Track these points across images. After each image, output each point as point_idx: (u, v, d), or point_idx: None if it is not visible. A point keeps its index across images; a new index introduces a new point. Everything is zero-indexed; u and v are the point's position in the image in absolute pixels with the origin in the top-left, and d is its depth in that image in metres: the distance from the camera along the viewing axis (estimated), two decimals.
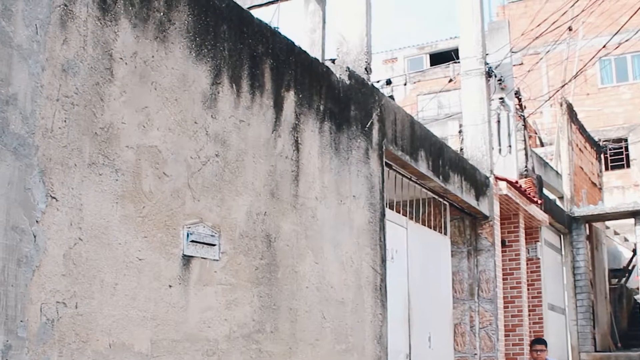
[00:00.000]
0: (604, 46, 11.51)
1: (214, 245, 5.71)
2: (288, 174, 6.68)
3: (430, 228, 11.07)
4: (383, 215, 8.34)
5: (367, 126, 8.17)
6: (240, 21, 6.25)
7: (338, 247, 7.35)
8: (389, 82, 29.60)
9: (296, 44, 7.02)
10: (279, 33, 6.81)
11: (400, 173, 9.64)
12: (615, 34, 11.98)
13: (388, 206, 9.49)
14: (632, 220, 20.22)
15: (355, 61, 8.55)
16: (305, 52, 7.13)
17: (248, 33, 6.33)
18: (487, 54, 13.57)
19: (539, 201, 14.82)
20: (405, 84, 30.46)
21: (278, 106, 6.62)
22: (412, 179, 9.98)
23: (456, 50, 14.96)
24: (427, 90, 31.60)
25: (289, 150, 6.72)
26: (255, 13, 10.21)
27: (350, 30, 8.68)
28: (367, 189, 8.05)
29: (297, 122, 6.87)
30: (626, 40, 29.27)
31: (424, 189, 10.48)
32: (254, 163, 6.23)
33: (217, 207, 5.78)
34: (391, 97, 28.28)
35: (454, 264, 12.20)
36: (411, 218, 10.37)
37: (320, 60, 8.43)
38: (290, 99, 6.80)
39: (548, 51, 24.93)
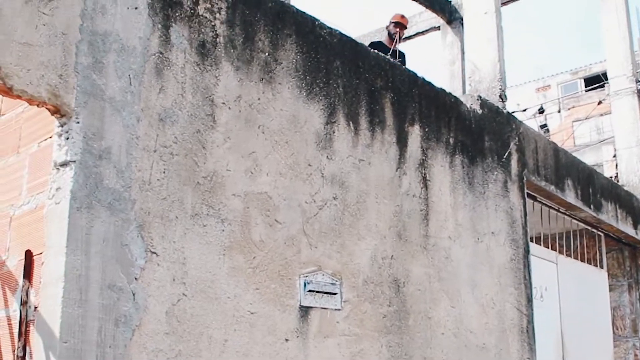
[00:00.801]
0: None
1: (334, 294, 5.37)
2: (416, 213, 6.27)
3: (584, 261, 10.35)
4: (527, 251, 7.79)
5: (505, 157, 7.67)
6: (354, 56, 5.93)
7: (476, 288, 6.86)
8: (541, 111, 28.76)
9: (419, 75, 6.64)
10: (399, 66, 6.45)
11: (546, 205, 9.04)
12: None
13: (534, 241, 8.92)
14: None
15: (489, 89, 8.07)
16: (429, 83, 6.74)
17: (364, 67, 6.00)
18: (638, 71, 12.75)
19: None
20: (559, 111, 29.46)
21: (402, 142, 6.24)
22: (560, 210, 9.36)
23: None
24: (583, 115, 30.40)
25: (416, 188, 6.32)
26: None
27: (482, 58, 8.22)
28: (508, 224, 7.53)
29: (424, 157, 6.47)
30: None
31: (574, 220, 9.81)
32: (377, 204, 5.87)
33: (337, 253, 5.44)
34: (544, 125, 27.45)
35: (614, 299, 11.38)
36: (561, 252, 9.71)
37: (464, 92, 8.04)
38: (415, 134, 6.41)
39: None
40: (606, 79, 14.04)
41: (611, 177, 12.41)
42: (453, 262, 6.62)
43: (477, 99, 7.48)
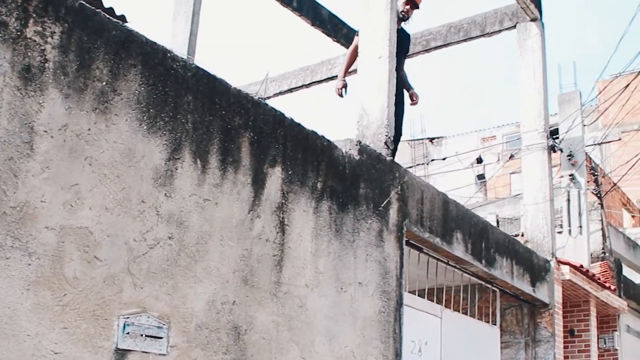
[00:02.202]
0: None
1: (160, 337, 5.11)
2: (268, 258, 6.05)
3: (475, 317, 10.20)
4: (400, 303, 7.59)
5: (383, 206, 7.50)
6: (210, 91, 5.73)
7: (335, 339, 6.64)
8: (479, 161, 28.87)
9: (287, 115, 6.46)
10: (264, 104, 6.26)
11: (434, 257, 8.88)
12: None
13: (418, 293, 8.76)
14: None
15: (375, 135, 7.92)
16: (298, 124, 6.56)
17: (221, 104, 5.80)
18: (554, 128, 12.74)
19: (613, 287, 13.68)
20: (498, 161, 29.57)
21: (258, 184, 6.04)
22: (450, 263, 9.20)
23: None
24: (520, 169, 30.52)
25: (270, 232, 6.10)
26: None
27: (371, 103, 8.08)
28: (379, 274, 7.34)
29: (283, 201, 6.27)
30: None
31: (465, 274, 9.66)
32: (221, 246, 5.64)
33: (166, 295, 5.19)
34: (481, 175, 27.56)
35: (510, 356, 11.22)
36: (448, 306, 9.55)
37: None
38: (275, 176, 6.21)
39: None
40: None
41: (522, 233, 12.28)
42: (308, 311, 6.39)
43: (356, 144, 7.32)
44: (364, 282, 7.11)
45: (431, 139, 39.54)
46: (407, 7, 9.53)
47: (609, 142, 21.11)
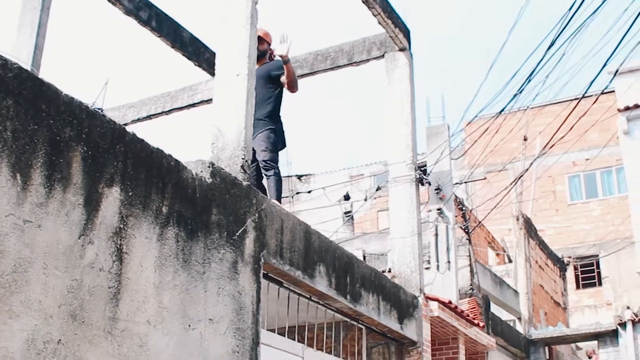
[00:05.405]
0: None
1: None
2: (102, 290, 5.27)
3: (340, 356, 9.60)
4: (256, 342, 6.89)
5: (237, 234, 6.82)
6: (36, 97, 4.95)
7: None
8: (347, 198, 28.54)
9: (128, 130, 5.73)
10: (102, 115, 5.52)
11: (295, 292, 8.24)
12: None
13: (278, 331, 8.09)
14: None
15: (231, 158, 7.26)
16: (142, 140, 5.83)
17: (49, 112, 5.03)
18: (422, 161, 12.37)
19: (481, 324, 13.36)
20: (365, 199, 29.30)
21: (91, 205, 5.27)
22: (313, 298, 8.58)
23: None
24: (387, 206, 30.40)
25: (105, 260, 5.33)
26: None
27: (227, 123, 7.43)
28: (233, 310, 6.64)
29: (121, 225, 5.51)
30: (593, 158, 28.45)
31: (329, 311, 9.04)
32: (44, 275, 4.84)
33: None
34: (348, 212, 27.20)
35: None
36: (311, 345, 8.91)
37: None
38: (112, 197, 5.45)
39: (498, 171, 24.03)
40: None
41: (389, 268, 11.82)
42: (150, 351, 5.63)
43: (209, 166, 6.64)
44: (216, 318, 6.40)
45: (299, 177, 39.16)
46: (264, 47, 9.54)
47: (476, 180, 21.07)
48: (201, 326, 6.21)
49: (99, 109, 6.31)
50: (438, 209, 13.41)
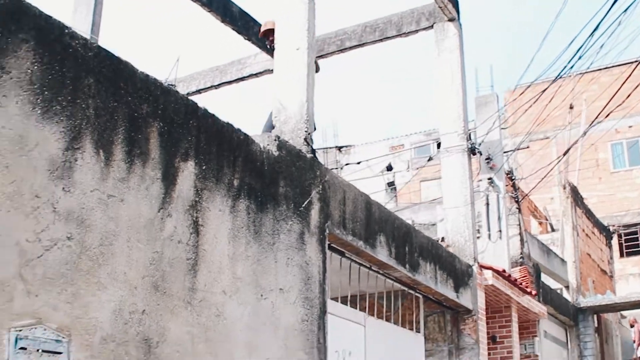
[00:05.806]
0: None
1: (59, 353, 4.44)
2: (181, 262, 5.42)
3: (398, 324, 9.71)
4: (324, 311, 7.03)
5: (304, 206, 6.94)
6: (115, 75, 5.08)
7: (255, 351, 6.04)
8: (389, 169, 28.56)
9: (200, 105, 5.84)
10: (175, 92, 5.63)
11: (356, 262, 8.35)
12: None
13: (340, 300, 8.21)
14: None
15: (294, 131, 7.36)
16: (213, 115, 5.95)
17: (127, 90, 5.15)
18: (472, 130, 12.40)
19: (533, 292, 13.40)
20: (408, 169, 29.37)
21: (169, 179, 5.40)
22: (373, 268, 8.69)
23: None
24: (430, 176, 30.40)
25: (183, 233, 5.47)
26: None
27: (289, 97, 7.52)
28: (301, 280, 6.77)
29: (197, 199, 5.64)
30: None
31: (388, 280, 9.15)
32: (128, 248, 4.99)
33: (66, 304, 4.51)
34: (391, 183, 27.23)
35: None
36: (372, 313, 9.03)
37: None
38: (187, 171, 5.58)
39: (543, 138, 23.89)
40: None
41: (442, 237, 11.90)
42: (226, 320, 5.78)
43: (275, 140, 6.74)
44: (286, 288, 6.54)
45: (339, 148, 39.22)
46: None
47: (521, 148, 21.02)
48: (272, 296, 6.35)
49: (172, 84, 6.42)
50: (489, 179, 13.44)
